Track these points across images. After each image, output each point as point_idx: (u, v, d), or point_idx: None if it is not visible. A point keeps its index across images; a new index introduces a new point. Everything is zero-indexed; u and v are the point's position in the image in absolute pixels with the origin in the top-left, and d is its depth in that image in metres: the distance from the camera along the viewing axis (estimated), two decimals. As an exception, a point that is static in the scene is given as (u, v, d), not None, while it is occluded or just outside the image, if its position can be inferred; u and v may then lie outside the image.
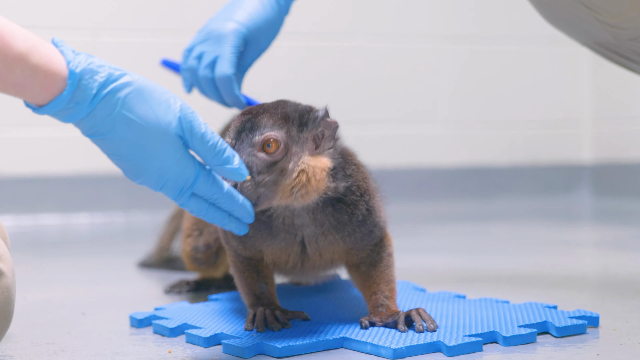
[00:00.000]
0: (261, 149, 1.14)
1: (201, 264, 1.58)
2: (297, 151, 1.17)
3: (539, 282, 1.71)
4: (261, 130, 1.15)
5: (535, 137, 3.65)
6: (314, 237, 1.25)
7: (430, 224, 2.95)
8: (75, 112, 0.99)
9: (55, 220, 3.01)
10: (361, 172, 1.27)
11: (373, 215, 1.27)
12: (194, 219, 1.59)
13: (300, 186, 1.16)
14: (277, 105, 1.20)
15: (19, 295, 1.58)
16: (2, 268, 1.06)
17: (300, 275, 1.34)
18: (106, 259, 2.18)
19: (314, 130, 1.19)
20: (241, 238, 1.28)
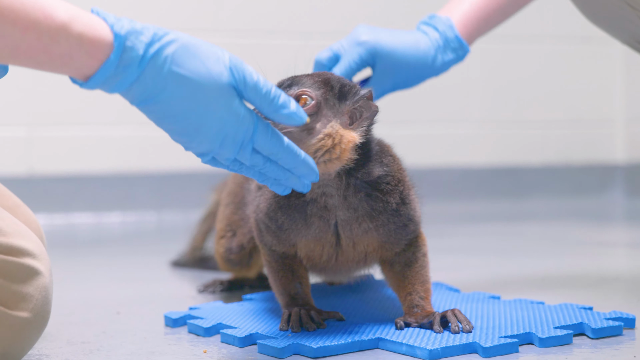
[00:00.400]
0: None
1: (234, 265, 1.58)
2: (329, 115, 1.16)
3: (573, 283, 1.70)
4: (299, 86, 1.17)
5: (568, 137, 3.63)
6: (348, 223, 1.23)
7: (462, 224, 2.93)
8: (124, 77, 0.96)
9: (88, 219, 3.02)
10: (397, 164, 1.27)
11: (408, 207, 1.26)
12: (227, 220, 1.58)
13: (324, 150, 1.15)
14: (322, 74, 1.21)
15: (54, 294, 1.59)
16: (39, 267, 1.07)
17: (334, 272, 1.33)
18: (138, 258, 2.19)
19: (353, 105, 1.19)
20: (276, 232, 1.27)
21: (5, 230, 1.06)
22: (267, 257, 1.33)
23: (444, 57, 1.54)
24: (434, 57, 1.53)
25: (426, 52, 1.52)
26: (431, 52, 1.52)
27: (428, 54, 1.52)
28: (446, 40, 1.54)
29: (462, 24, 1.55)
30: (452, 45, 1.54)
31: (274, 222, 1.27)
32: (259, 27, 3.22)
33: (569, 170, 3.61)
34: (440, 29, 1.54)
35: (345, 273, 1.35)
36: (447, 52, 1.54)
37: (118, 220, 3.04)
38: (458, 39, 1.54)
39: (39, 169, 3.00)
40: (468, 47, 1.55)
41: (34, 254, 1.07)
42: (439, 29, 1.54)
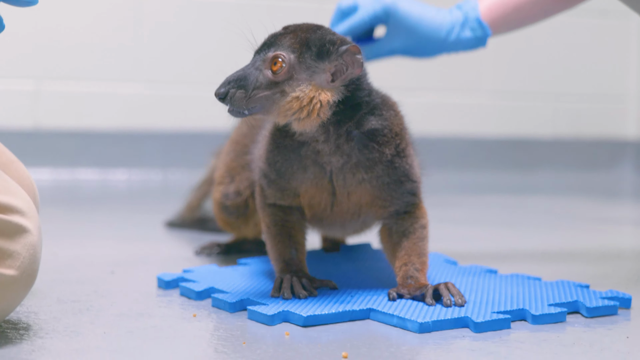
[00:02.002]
0: (268, 66, 1.18)
1: (230, 213, 1.56)
2: (301, 77, 1.18)
3: (573, 259, 1.68)
4: (275, 49, 1.19)
5: (579, 111, 3.60)
6: (342, 172, 1.24)
7: (469, 195, 2.92)
8: None
9: (93, 175, 3.01)
10: (398, 119, 1.28)
11: (404, 161, 1.26)
12: (226, 167, 1.57)
13: (293, 111, 1.19)
14: (308, 30, 1.21)
15: (50, 250, 1.59)
16: (27, 225, 1.05)
17: (330, 223, 1.33)
18: (140, 217, 2.18)
19: (335, 62, 1.19)
20: (276, 181, 1.28)
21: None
22: (266, 222, 1.32)
23: (460, 34, 1.57)
24: (449, 31, 1.56)
25: (441, 25, 1.56)
26: (446, 27, 1.56)
27: (442, 27, 1.56)
28: (466, 19, 1.57)
29: (487, 8, 1.57)
30: (471, 24, 1.57)
31: (273, 167, 1.28)
32: (272, -12, 3.19)
33: (578, 143, 3.58)
34: (464, 10, 1.58)
35: (340, 225, 1.34)
36: (465, 30, 1.57)
37: (123, 178, 3.03)
38: (478, 19, 1.57)
39: (45, 123, 2.99)
40: (488, 29, 1.57)
41: (23, 212, 1.06)
42: (463, 10, 1.58)
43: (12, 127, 2.96)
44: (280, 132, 1.27)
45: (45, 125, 2.99)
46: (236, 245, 1.65)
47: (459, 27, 1.57)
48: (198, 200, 1.94)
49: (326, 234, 1.53)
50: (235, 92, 1.17)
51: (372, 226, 1.38)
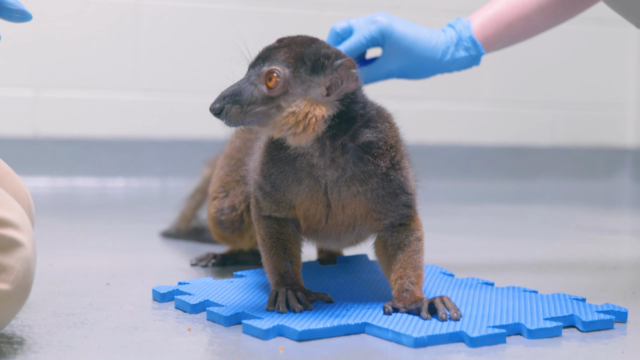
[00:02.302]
0: (263, 80, 1.18)
1: (225, 228, 1.56)
2: (297, 92, 1.18)
3: (570, 270, 1.68)
4: (270, 63, 1.19)
5: (578, 119, 3.60)
6: (336, 184, 1.23)
7: (467, 203, 2.92)
8: None
9: (91, 183, 3.01)
10: (393, 131, 1.27)
11: (399, 173, 1.26)
12: (220, 181, 1.57)
13: (288, 127, 1.19)
14: (302, 43, 1.21)
15: (46, 261, 1.59)
16: (21, 239, 1.05)
17: (325, 235, 1.32)
18: (137, 226, 2.17)
19: (330, 76, 1.19)
20: (271, 193, 1.28)
21: (-13, 200, 1.04)
22: (261, 234, 1.32)
23: (455, 54, 1.59)
24: (444, 52, 1.58)
25: (436, 46, 1.57)
26: (441, 47, 1.58)
27: (438, 48, 1.58)
28: (460, 38, 1.59)
29: (479, 26, 1.60)
30: (464, 44, 1.59)
31: (268, 180, 1.27)
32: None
33: (577, 152, 3.58)
34: (457, 29, 1.60)
35: (336, 238, 1.33)
36: (459, 50, 1.59)
37: (121, 186, 3.03)
38: (471, 38, 1.59)
39: (44, 131, 2.99)
40: (482, 47, 1.59)
41: (17, 225, 1.05)
42: (456, 29, 1.60)
43: (10, 134, 2.95)
44: (275, 145, 1.26)
45: (44, 133, 2.99)
46: (232, 256, 1.65)
47: (453, 46, 1.59)
48: (192, 210, 1.94)
49: (322, 247, 1.53)
50: (230, 107, 1.17)
51: (367, 238, 1.38)
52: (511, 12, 1.60)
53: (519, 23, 1.61)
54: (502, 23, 1.60)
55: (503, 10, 1.60)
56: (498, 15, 1.60)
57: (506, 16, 1.60)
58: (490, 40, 1.61)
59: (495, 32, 1.60)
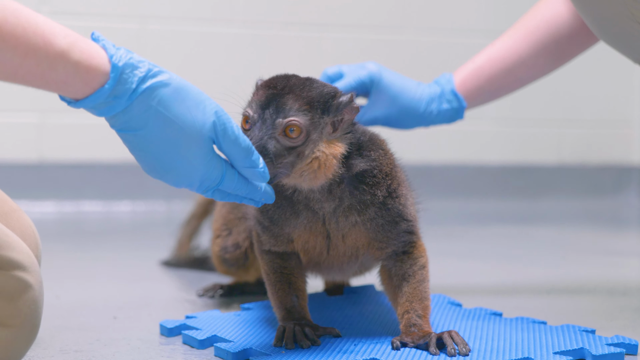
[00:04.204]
0: (283, 132, 1.15)
1: (230, 265, 1.57)
2: (315, 138, 1.17)
3: (579, 297, 1.67)
4: (286, 113, 1.16)
5: (584, 137, 3.59)
6: (334, 215, 1.23)
7: (473, 225, 2.91)
8: (112, 106, 0.99)
9: (97, 207, 3.01)
10: (387, 158, 1.27)
11: (396, 201, 1.25)
12: (223, 219, 1.58)
13: (310, 171, 1.18)
14: (304, 86, 1.19)
15: (53, 293, 1.58)
16: (29, 280, 1.05)
17: (328, 267, 1.32)
18: (144, 254, 2.16)
19: (336, 115, 1.19)
20: (270, 228, 1.28)
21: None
22: (265, 269, 1.32)
23: (439, 107, 1.64)
24: (428, 103, 1.63)
25: (421, 97, 1.63)
26: (425, 99, 1.63)
27: (422, 100, 1.63)
28: (443, 91, 1.64)
29: (461, 80, 1.65)
30: (447, 97, 1.64)
31: (265, 215, 1.27)
32: (274, 18, 3.19)
33: (584, 170, 3.58)
34: (440, 83, 1.65)
35: (339, 269, 1.33)
36: (442, 102, 1.64)
37: (127, 210, 3.03)
38: (453, 91, 1.64)
39: (49, 156, 2.99)
40: (464, 101, 1.64)
41: (25, 267, 1.05)
42: (440, 83, 1.65)
43: (16, 160, 2.96)
44: None
45: (50, 158, 2.99)
46: (238, 286, 1.64)
47: (436, 99, 1.63)
48: (188, 237, 1.93)
49: (327, 278, 1.53)
50: None
51: (372, 268, 1.38)
52: (492, 65, 1.64)
53: (500, 76, 1.65)
54: (482, 77, 1.64)
55: (484, 64, 1.65)
56: (479, 69, 1.65)
57: (487, 70, 1.64)
58: (472, 93, 1.65)
59: (477, 85, 1.64)
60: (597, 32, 1.46)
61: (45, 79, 0.95)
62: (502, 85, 1.66)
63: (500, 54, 1.64)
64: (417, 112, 1.62)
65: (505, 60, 1.64)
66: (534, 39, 1.63)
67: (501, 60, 1.64)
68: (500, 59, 1.64)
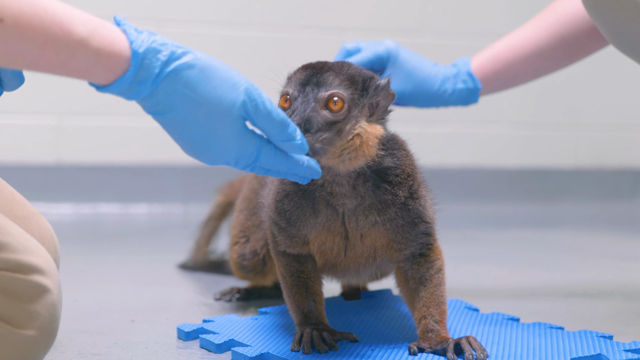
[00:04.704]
0: (324, 106, 1.15)
1: (248, 271, 1.57)
2: (355, 115, 1.17)
3: (596, 302, 1.67)
4: (327, 87, 1.16)
5: (601, 140, 3.58)
6: (354, 213, 1.23)
7: (490, 228, 2.90)
8: (138, 91, 1.00)
9: (114, 209, 3.02)
10: (409, 159, 1.27)
11: (417, 202, 1.25)
12: (240, 226, 1.58)
13: (352, 149, 1.17)
14: (342, 66, 1.20)
15: (71, 297, 1.59)
16: (47, 284, 1.05)
17: (344, 269, 1.31)
18: (161, 256, 2.17)
19: (373, 97, 1.19)
20: (286, 229, 1.27)
21: (14, 246, 1.04)
22: (281, 271, 1.32)
23: (454, 86, 1.65)
24: (443, 81, 1.64)
25: (436, 76, 1.64)
26: (440, 77, 1.64)
27: (437, 78, 1.64)
28: (459, 72, 1.66)
29: (478, 64, 1.66)
30: (462, 77, 1.65)
31: (283, 216, 1.27)
32: (292, 21, 3.19)
33: (601, 173, 3.56)
34: (457, 65, 1.67)
35: (355, 271, 1.32)
36: (457, 82, 1.65)
37: (144, 212, 3.03)
38: (469, 72, 1.65)
39: (67, 158, 3.00)
40: (479, 82, 1.65)
41: (43, 271, 1.06)
42: (456, 65, 1.67)
43: (34, 162, 2.97)
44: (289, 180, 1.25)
45: (67, 160, 3.00)
46: (255, 290, 1.64)
47: (452, 78, 1.65)
48: (206, 239, 1.94)
49: (342, 282, 1.53)
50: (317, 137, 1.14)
51: (388, 271, 1.38)
52: (509, 52, 1.66)
53: (518, 63, 1.66)
54: (500, 62, 1.66)
55: (502, 50, 1.66)
56: (496, 54, 1.66)
57: (504, 56, 1.66)
58: (488, 77, 1.66)
59: (493, 69, 1.66)
60: (609, 38, 1.45)
61: (67, 68, 0.95)
62: (518, 73, 1.67)
63: (519, 42, 1.65)
64: (432, 89, 1.63)
65: (523, 49, 1.65)
66: (553, 30, 1.64)
67: (520, 48, 1.65)
68: (518, 46, 1.65)
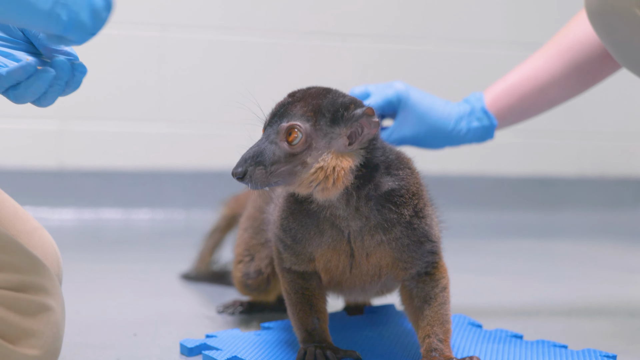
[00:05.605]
0: (284, 138, 1.15)
1: (252, 290, 1.57)
2: (320, 146, 1.16)
3: (600, 318, 1.66)
4: (288, 119, 1.16)
5: (604, 149, 3.58)
6: (360, 233, 1.22)
7: (492, 237, 2.90)
8: None
9: (116, 215, 3.02)
10: (414, 178, 1.25)
11: (423, 221, 1.24)
12: (245, 244, 1.57)
13: (317, 182, 1.16)
14: (318, 95, 1.19)
15: (73, 308, 1.58)
16: (51, 304, 1.05)
17: (350, 287, 1.31)
18: (163, 265, 2.16)
19: (350, 126, 1.17)
20: (292, 246, 1.26)
21: (18, 265, 1.04)
22: (286, 288, 1.31)
23: (468, 124, 1.63)
24: (457, 121, 1.62)
25: (450, 115, 1.62)
26: (454, 117, 1.62)
27: (450, 117, 1.62)
28: (473, 109, 1.63)
29: (492, 99, 1.63)
30: (477, 114, 1.63)
31: (288, 234, 1.26)
32: (295, 27, 3.19)
33: (603, 182, 3.56)
34: (470, 101, 1.64)
35: (361, 289, 1.32)
36: (472, 120, 1.63)
37: (146, 217, 3.03)
38: (483, 109, 1.62)
39: (69, 162, 3.00)
40: (494, 119, 1.62)
41: (47, 290, 1.06)
42: (469, 102, 1.64)
43: (36, 167, 2.97)
44: (294, 198, 1.25)
45: (69, 165, 3.00)
46: (259, 303, 1.64)
47: (466, 117, 1.62)
48: (210, 250, 1.93)
49: (347, 299, 1.52)
50: (254, 169, 1.14)
51: (393, 289, 1.37)
52: (523, 84, 1.63)
53: (533, 95, 1.63)
54: (514, 95, 1.63)
55: (515, 83, 1.63)
56: (510, 88, 1.63)
57: (518, 88, 1.63)
58: (503, 112, 1.63)
59: (508, 104, 1.63)
60: (618, 57, 1.44)
61: None
62: (533, 105, 1.64)
63: (532, 72, 1.62)
64: (446, 130, 1.61)
65: (537, 79, 1.62)
66: (566, 58, 1.61)
67: (533, 79, 1.62)
68: (532, 77, 1.62)
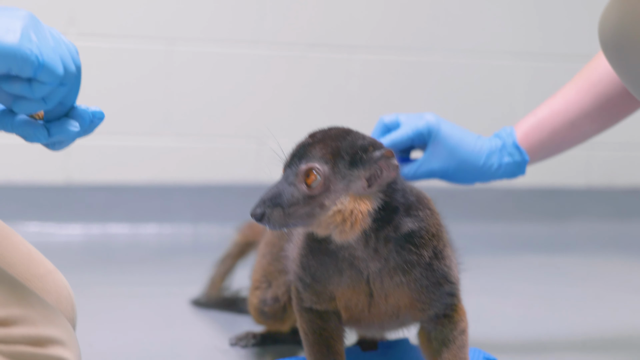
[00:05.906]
0: (302, 180, 1.15)
1: (268, 317, 1.56)
2: (338, 189, 1.15)
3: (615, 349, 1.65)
4: (307, 160, 1.15)
5: (612, 159, 3.56)
6: (379, 275, 1.21)
7: (499, 253, 2.88)
8: None
9: (124, 229, 3.00)
10: (434, 218, 1.24)
11: (442, 263, 1.23)
12: (263, 271, 1.56)
13: (335, 224, 1.16)
14: (338, 136, 1.18)
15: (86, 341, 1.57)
16: (67, 357, 1.04)
17: (368, 324, 1.30)
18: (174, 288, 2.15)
19: (369, 169, 1.16)
20: (312, 285, 1.25)
21: (34, 318, 1.03)
22: (304, 328, 1.30)
23: (500, 160, 1.60)
24: (488, 156, 1.59)
25: (481, 151, 1.59)
26: (485, 152, 1.59)
27: (482, 153, 1.59)
28: (504, 145, 1.61)
29: (523, 134, 1.61)
30: (509, 150, 1.60)
31: (307, 272, 1.25)
32: (301, 39, 3.17)
33: (612, 193, 3.55)
34: (502, 136, 1.62)
35: (379, 326, 1.32)
36: (504, 156, 1.60)
37: (154, 232, 3.02)
38: (515, 144, 1.60)
39: (77, 177, 2.99)
40: (526, 154, 1.60)
41: (63, 342, 1.04)
42: (501, 136, 1.62)
43: (44, 181, 2.96)
44: (313, 237, 1.24)
45: (77, 180, 2.99)
46: (271, 335, 1.63)
47: (497, 152, 1.60)
48: (221, 276, 1.91)
49: (365, 335, 1.51)
50: (271, 211, 1.14)
51: (411, 325, 1.37)
52: (554, 118, 1.60)
53: (564, 129, 1.61)
54: (545, 130, 1.61)
55: (546, 117, 1.61)
56: (541, 122, 1.61)
57: (549, 123, 1.60)
58: (534, 147, 1.61)
59: (539, 139, 1.61)
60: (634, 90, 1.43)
61: None
62: (564, 139, 1.63)
63: (563, 106, 1.60)
64: (477, 165, 1.59)
65: (568, 113, 1.60)
66: (598, 91, 1.59)
67: (564, 112, 1.60)
68: (563, 111, 1.60)
